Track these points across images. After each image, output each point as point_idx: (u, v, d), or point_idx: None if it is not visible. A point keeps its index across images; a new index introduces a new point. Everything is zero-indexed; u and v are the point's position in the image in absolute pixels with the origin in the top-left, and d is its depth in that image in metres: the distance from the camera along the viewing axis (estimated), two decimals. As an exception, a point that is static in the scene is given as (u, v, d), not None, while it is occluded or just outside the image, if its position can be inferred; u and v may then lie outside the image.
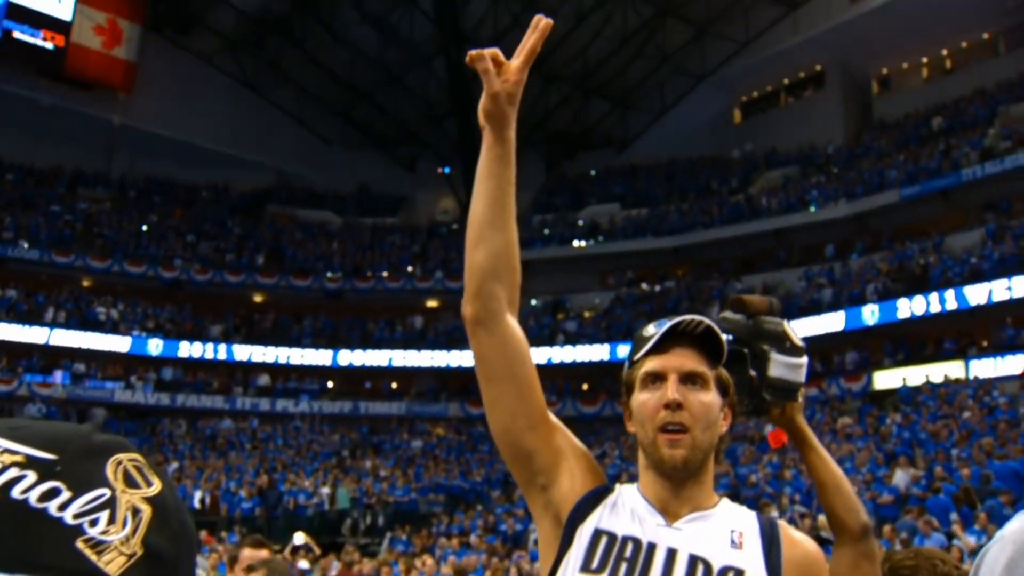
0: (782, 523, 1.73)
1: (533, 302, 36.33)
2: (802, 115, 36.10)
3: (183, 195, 38.44)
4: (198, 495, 23.67)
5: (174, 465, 26.79)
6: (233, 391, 32.82)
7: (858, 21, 32.31)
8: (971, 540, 12.65)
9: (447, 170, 40.58)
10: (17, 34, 33.48)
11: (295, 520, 23.28)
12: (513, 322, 1.73)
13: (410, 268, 36.59)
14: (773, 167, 35.86)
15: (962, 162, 27.99)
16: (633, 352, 1.76)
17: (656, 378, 1.69)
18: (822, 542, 2.98)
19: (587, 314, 34.77)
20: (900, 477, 17.23)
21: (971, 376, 23.36)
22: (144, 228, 35.45)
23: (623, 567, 1.61)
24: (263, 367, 33.62)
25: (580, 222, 38.02)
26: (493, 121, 1.69)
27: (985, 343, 25.15)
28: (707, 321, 1.70)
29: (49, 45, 34.13)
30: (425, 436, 32.12)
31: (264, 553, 3.73)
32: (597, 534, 1.66)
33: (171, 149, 37.25)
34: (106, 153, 37.74)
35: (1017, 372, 21.94)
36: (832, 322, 27.81)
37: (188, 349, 32.33)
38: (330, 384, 34.49)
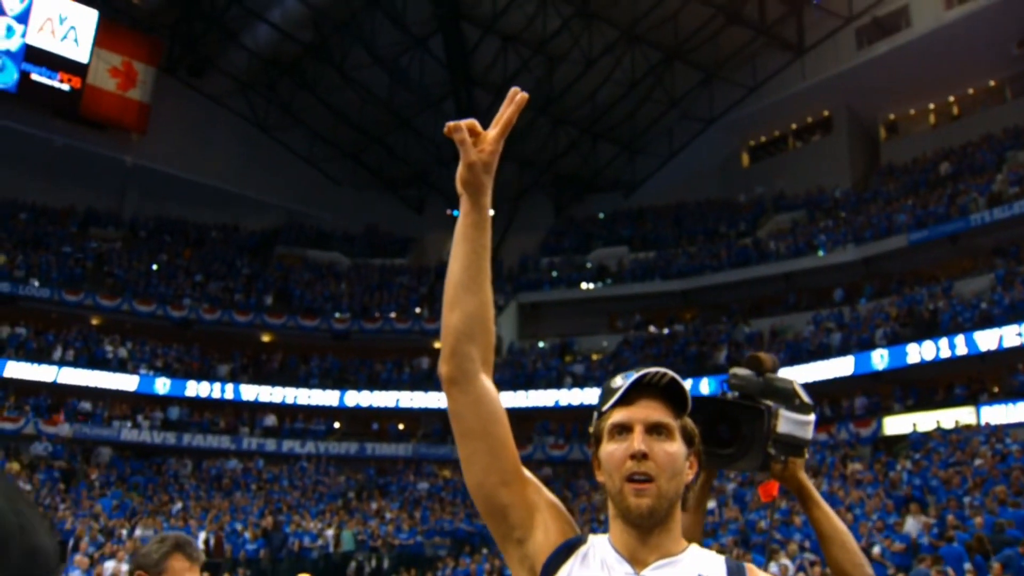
0: (749, 566, 1.75)
1: (541, 344, 36.29)
2: (810, 159, 36.27)
3: (193, 235, 38.69)
4: (203, 536, 23.46)
5: (179, 505, 26.62)
6: (239, 431, 32.71)
7: (865, 67, 32.59)
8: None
9: (455, 212, 40.76)
10: (35, 76, 33.97)
11: (300, 563, 23.06)
12: (487, 382, 1.82)
13: (418, 309, 36.60)
14: (781, 211, 35.95)
15: (970, 207, 28.00)
16: (601, 403, 1.79)
17: (623, 429, 1.73)
18: None
19: (595, 356, 34.67)
20: (912, 525, 17.02)
21: (983, 422, 23.15)
22: (154, 267, 35.63)
23: None
24: (270, 407, 33.53)
25: (588, 264, 38.08)
26: (470, 189, 1.81)
27: (996, 389, 24.95)
28: (671, 373, 1.73)
29: (65, 87, 34.62)
30: (431, 478, 31.90)
31: None
32: None
33: (182, 189, 37.59)
34: (118, 193, 38.09)
35: (1029, 419, 21.73)
36: (841, 367, 27.65)
37: (195, 388, 32.30)
38: (337, 425, 34.37)
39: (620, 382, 1.76)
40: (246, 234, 40.06)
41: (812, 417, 2.26)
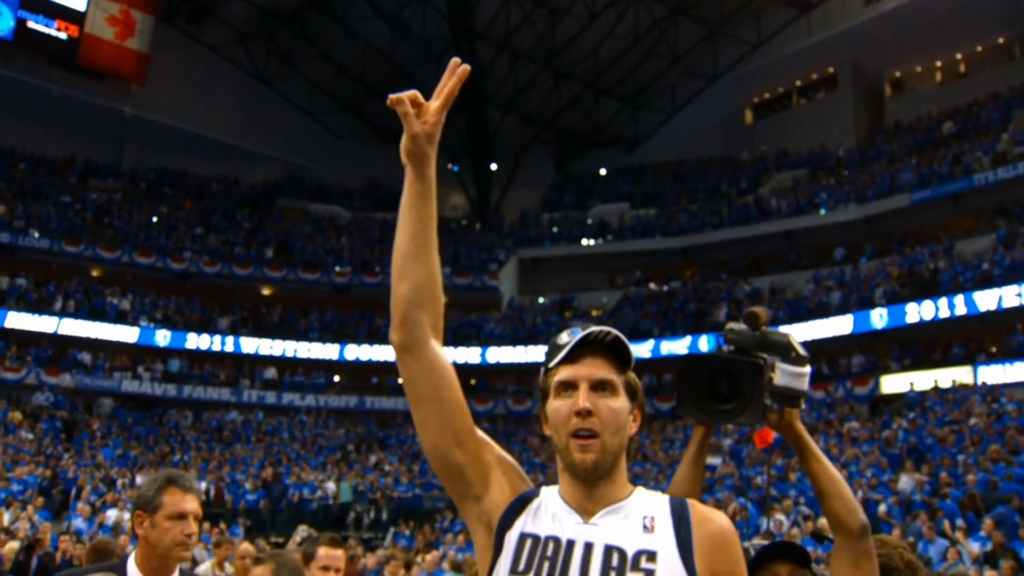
0: (692, 502, 1.82)
1: (541, 300, 36.33)
2: (814, 117, 36.00)
3: (193, 187, 38.53)
4: (203, 486, 23.73)
5: (180, 456, 26.87)
6: (240, 383, 32.89)
7: (872, 24, 32.20)
8: (975, 546, 12.60)
9: (456, 168, 40.58)
10: (31, 24, 33.59)
11: (299, 513, 23.32)
12: (437, 348, 1.90)
13: (419, 264, 36.56)
14: (783, 169, 35.77)
15: (974, 167, 27.86)
16: (548, 359, 1.86)
17: (568, 386, 1.79)
18: (822, 540, 3.14)
19: (595, 312, 34.73)
20: (905, 482, 17.18)
21: (979, 382, 23.27)
22: (154, 219, 35.53)
23: (545, 566, 1.71)
24: (270, 360, 33.67)
25: (589, 221, 37.99)
26: (414, 160, 1.84)
27: (994, 349, 25.05)
28: (615, 332, 1.80)
29: (63, 35, 34.24)
30: (430, 432, 32.10)
31: (339, 553, 3.73)
32: (522, 538, 1.77)
33: (182, 141, 37.34)
34: (117, 144, 37.86)
35: (1025, 379, 21.84)
36: (840, 325, 27.72)
37: (196, 341, 32.39)
38: (336, 378, 34.53)
39: (566, 339, 1.83)
40: (246, 187, 39.90)
41: (808, 369, 2.30)
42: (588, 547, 1.72)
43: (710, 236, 34.09)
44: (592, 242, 36.94)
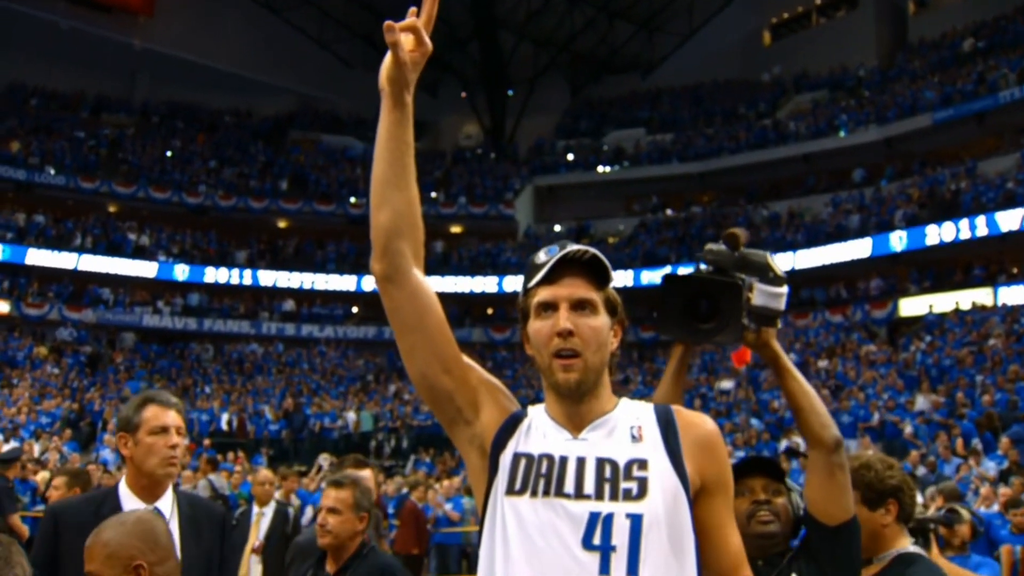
0: (677, 408, 1.87)
1: (557, 227, 36.21)
2: (834, 37, 35.17)
3: (206, 120, 38.32)
4: (225, 417, 24.12)
5: (203, 388, 27.26)
6: (259, 316, 33.15)
7: (895, -63, 31.21)
8: (991, 465, 12.68)
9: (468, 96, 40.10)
10: (35, -44, 33.09)
11: (320, 443, 23.70)
12: (420, 275, 1.89)
13: (433, 193, 36.43)
14: (803, 91, 35.13)
15: (1000, 84, 27.21)
16: (526, 280, 1.87)
17: (548, 307, 1.81)
18: (796, 455, 3.26)
19: (611, 240, 34.61)
20: (922, 403, 17.22)
21: (999, 303, 23.13)
22: (168, 154, 35.44)
23: (541, 483, 1.74)
24: (288, 292, 33.87)
25: (605, 147, 37.58)
26: (395, 87, 1.83)
27: (1015, 270, 24.83)
28: (592, 250, 1.81)
29: (68, -33, 33.74)
30: (449, 361, 32.36)
31: (366, 473, 3.80)
32: (516, 458, 1.80)
33: (193, 73, 37.00)
34: (128, 78, 37.58)
35: (1046, 299, 21.69)
36: (859, 249, 27.52)
37: (214, 275, 32.59)
38: (355, 309, 34.74)
39: (544, 258, 1.83)
40: (259, 119, 39.64)
41: (785, 289, 2.34)
42: (580, 461, 1.75)
43: (727, 160, 33.66)
44: (608, 169, 36.59)
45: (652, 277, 29.47)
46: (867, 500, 2.72)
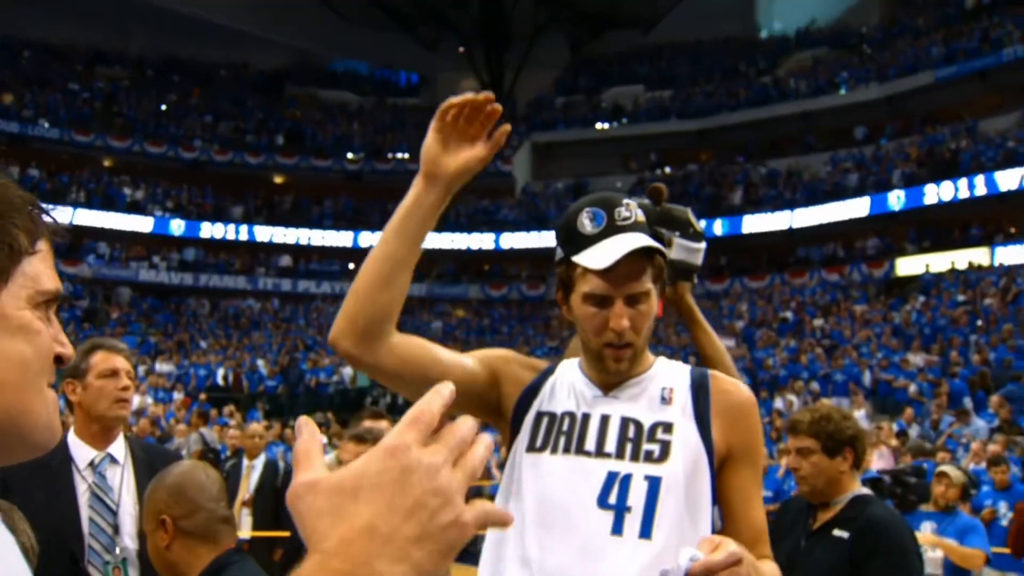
0: (714, 373, 1.84)
1: (555, 185, 36.07)
2: (837, -8, 34.78)
3: (201, 74, 37.92)
4: (221, 372, 24.19)
5: (199, 343, 27.32)
6: (255, 272, 33.13)
7: None
8: (982, 423, 12.81)
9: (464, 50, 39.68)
10: (26, -96, 32.49)
11: (317, 398, 23.83)
12: (400, 336, 1.74)
13: (431, 150, 36.22)
14: (803, 48, 34.80)
15: (1003, 41, 26.94)
16: (568, 246, 1.75)
17: (602, 300, 1.72)
18: None
19: (609, 198, 34.45)
20: (915, 362, 17.32)
21: (996, 263, 23.15)
22: (163, 107, 35.13)
23: (562, 440, 1.73)
24: (284, 248, 33.81)
25: (603, 104, 37.31)
26: (457, 182, 1.72)
27: (1013, 230, 24.81)
28: (637, 218, 1.74)
29: (59, -85, 33.15)
30: (445, 317, 32.47)
31: (383, 424, 3.77)
32: (539, 416, 1.79)
33: (188, 26, 36.51)
34: (122, 30, 37.09)
35: (1043, 259, 21.71)
36: (856, 208, 27.48)
37: (210, 230, 32.51)
38: (351, 265, 34.68)
39: (589, 228, 1.72)
40: (255, 73, 39.25)
41: (703, 245, 2.41)
42: (604, 419, 1.74)
43: (726, 118, 33.44)
44: (606, 126, 36.37)
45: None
46: (827, 448, 2.98)
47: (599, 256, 1.69)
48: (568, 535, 1.65)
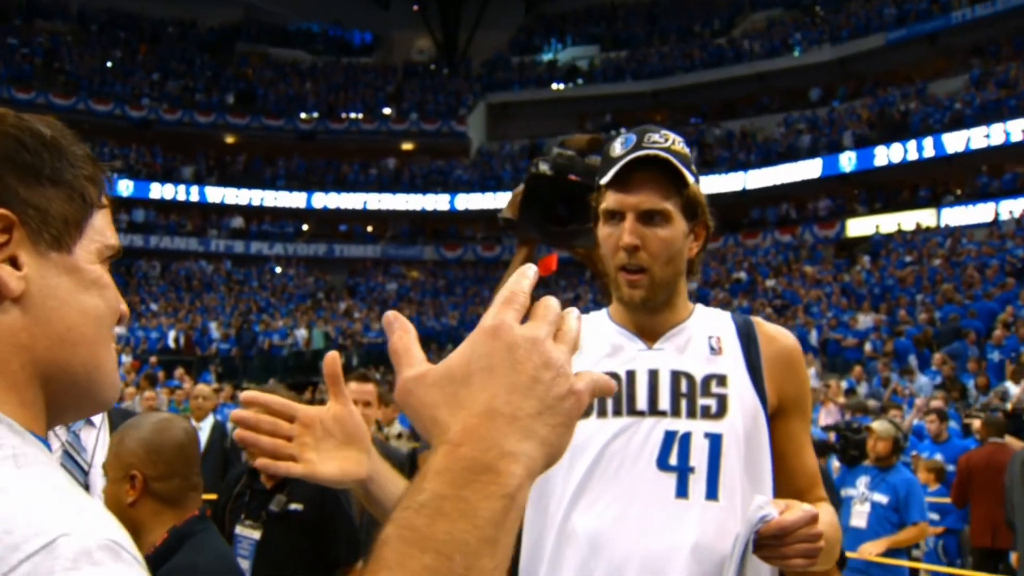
0: (757, 320, 1.77)
1: (509, 145, 35.92)
2: (791, -47, 34.77)
3: (148, 30, 36.92)
4: (172, 335, 23.90)
5: (150, 306, 26.92)
6: (207, 233, 32.64)
7: None
8: (925, 380, 13.15)
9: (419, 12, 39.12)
10: None
11: (271, 360, 23.66)
12: None
13: (386, 110, 35.84)
14: (758, 8, 34.86)
15: (952, 3, 27.27)
16: (601, 173, 1.69)
17: (615, 215, 1.64)
18: None
19: (564, 159, 34.40)
20: (864, 321, 17.66)
21: (943, 224, 23.61)
22: (108, 64, 34.20)
23: (609, 401, 1.62)
24: (236, 209, 33.32)
25: (559, 64, 37.11)
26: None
27: (959, 191, 25.29)
28: (666, 153, 1.63)
29: None
30: (400, 279, 32.35)
31: (370, 387, 3.80)
32: None
33: (132, -20, 35.52)
34: (63, -17, 35.95)
35: (988, 220, 22.19)
36: (809, 169, 27.79)
37: (160, 191, 31.90)
38: (305, 227, 34.35)
39: (619, 150, 1.65)
40: (204, 30, 38.32)
41: None
42: (653, 375, 1.64)
43: (681, 79, 33.46)
44: (562, 86, 36.20)
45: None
46: None
47: (614, 170, 1.63)
48: (630, 502, 1.55)
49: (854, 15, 30.34)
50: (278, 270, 31.99)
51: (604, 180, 1.65)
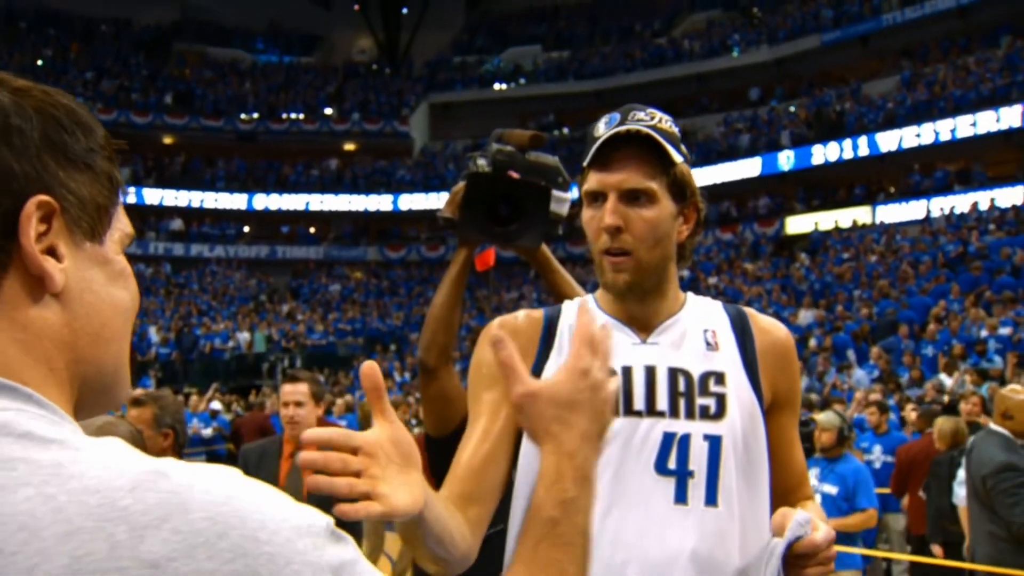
0: (750, 311, 1.69)
1: (453, 145, 35.85)
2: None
3: (80, 28, 36.09)
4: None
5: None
6: (145, 235, 31.96)
7: None
8: (862, 373, 13.44)
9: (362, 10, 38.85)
10: None
11: (212, 364, 23.29)
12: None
13: (327, 110, 35.51)
14: (697, 9, 35.29)
15: (883, 7, 27.95)
16: (584, 153, 1.60)
17: (597, 196, 1.55)
18: None
19: (507, 158, 34.43)
20: (805, 316, 18.00)
21: (878, 221, 24.17)
22: (39, 63, 33.33)
23: None
24: (176, 211, 32.73)
25: (501, 64, 37.15)
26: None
27: (893, 189, 25.91)
28: (648, 129, 1.52)
29: None
30: (343, 280, 32.09)
31: (303, 387, 3.83)
32: None
33: (63, -23, 34.66)
34: (-9, -20, 34.96)
35: (920, 217, 22.76)
36: (748, 168, 28.22)
37: (95, 192, 31.15)
38: (246, 229, 33.87)
39: (602, 130, 1.55)
40: (139, 29, 37.56)
41: (571, 195, 2.24)
42: (650, 372, 1.55)
43: (623, 79, 33.71)
44: (504, 86, 36.25)
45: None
46: None
47: (594, 149, 1.54)
48: (628, 508, 1.48)
49: (791, 16, 30.90)
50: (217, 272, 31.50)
51: (586, 161, 1.57)
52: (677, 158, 1.55)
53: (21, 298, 0.69)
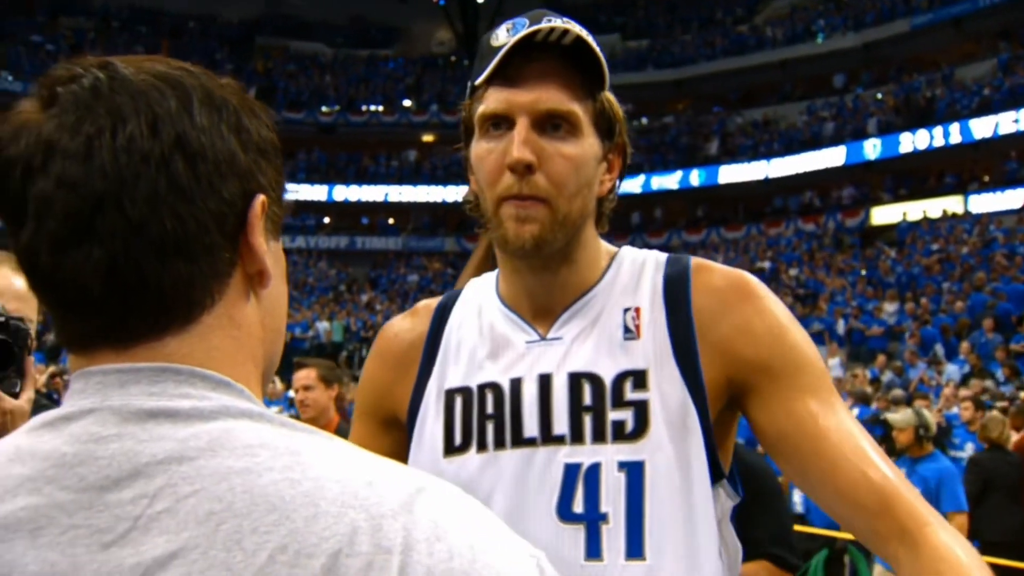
0: (699, 264, 1.22)
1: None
2: (813, -62, 34.38)
3: (169, 26, 37.14)
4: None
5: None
6: (228, 227, 32.78)
7: None
8: (953, 368, 13.00)
9: (442, 2, 39.01)
10: None
11: (292, 352, 23.70)
12: None
13: (406, 102, 35.82)
14: (781, -5, 34.53)
15: (978, -13, 26.85)
16: (475, 72, 1.17)
17: (500, 121, 1.14)
18: None
19: (585, 149, 34.26)
20: (889, 310, 17.48)
21: (971, 211, 23.29)
22: (131, 60, 34.37)
23: (490, 428, 1.18)
24: (258, 202, 33.44)
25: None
26: None
27: (987, 178, 24.93)
28: (575, 28, 1.13)
29: None
30: (421, 271, 32.36)
31: (312, 372, 4.11)
32: (448, 398, 1.22)
33: (153, -25, 35.68)
34: (85, -21, 36.19)
35: (1016, 207, 21.85)
36: (832, 157, 27.47)
37: (182, 185, 32.06)
38: (326, 220, 34.44)
39: (503, 37, 1.13)
40: (225, 24, 38.47)
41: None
42: (544, 383, 1.16)
43: (703, 67, 33.18)
44: (582, 76, 36.01)
45: (626, 186, 29.31)
46: None
47: (498, 58, 1.12)
48: None
49: (878, 0, 29.95)
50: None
51: (482, 75, 1.14)
52: (607, 78, 1.16)
53: (239, 295, 0.69)
